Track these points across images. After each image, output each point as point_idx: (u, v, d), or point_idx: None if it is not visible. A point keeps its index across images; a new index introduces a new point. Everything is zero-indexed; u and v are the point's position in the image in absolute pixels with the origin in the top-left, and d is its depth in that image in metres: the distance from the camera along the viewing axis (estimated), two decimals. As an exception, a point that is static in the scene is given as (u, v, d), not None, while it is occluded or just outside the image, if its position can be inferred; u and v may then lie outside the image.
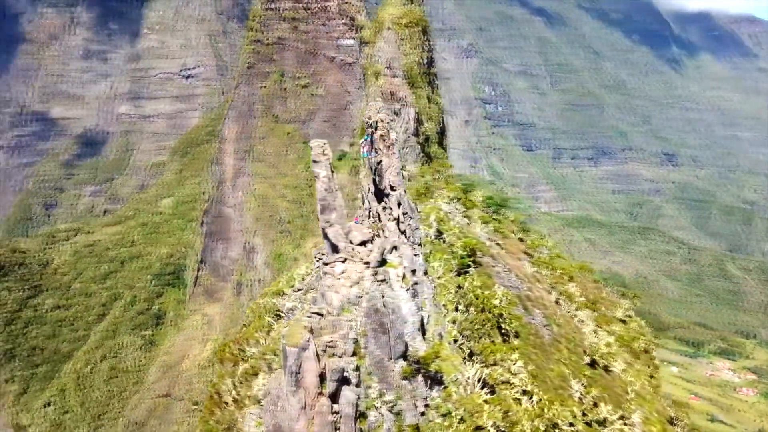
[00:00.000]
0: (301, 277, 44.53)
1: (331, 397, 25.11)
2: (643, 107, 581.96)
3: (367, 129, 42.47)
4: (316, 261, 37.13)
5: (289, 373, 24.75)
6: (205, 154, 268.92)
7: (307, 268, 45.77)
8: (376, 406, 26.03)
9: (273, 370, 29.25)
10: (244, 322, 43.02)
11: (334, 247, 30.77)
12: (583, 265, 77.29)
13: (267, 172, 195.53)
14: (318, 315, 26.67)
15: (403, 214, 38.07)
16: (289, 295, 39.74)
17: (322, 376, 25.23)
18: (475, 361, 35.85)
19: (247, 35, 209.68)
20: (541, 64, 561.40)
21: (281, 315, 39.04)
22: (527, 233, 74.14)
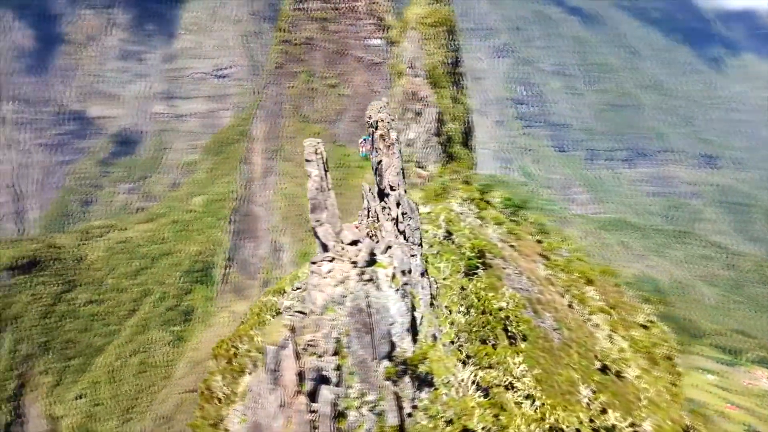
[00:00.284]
0: (304, 276, 44.62)
1: (309, 395, 24.92)
2: (682, 108, 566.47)
3: (368, 129, 42.24)
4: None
5: (268, 370, 24.66)
6: (236, 153, 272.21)
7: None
8: (356, 407, 25.74)
9: (258, 367, 29.24)
10: (242, 320, 43.29)
11: (324, 247, 30.61)
12: (605, 268, 75.61)
13: (295, 172, 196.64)
14: (301, 314, 26.50)
15: (403, 214, 37.69)
16: (289, 293, 39.82)
17: (301, 375, 25.07)
18: (470, 364, 35.30)
19: (276, 35, 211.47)
20: (577, 64, 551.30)
21: (280, 313, 39.13)
22: (546, 235, 72.81)
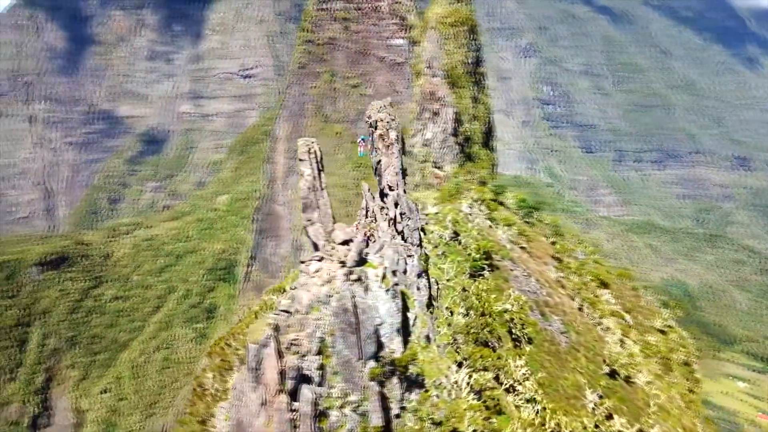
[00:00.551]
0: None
1: (291, 394, 24.84)
2: (714, 108, 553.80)
3: (368, 129, 42.04)
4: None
5: (250, 368, 24.66)
6: (260, 153, 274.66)
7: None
8: (338, 406, 25.56)
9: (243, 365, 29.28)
10: (240, 318, 43.45)
11: (315, 246, 30.54)
12: (623, 271, 74.15)
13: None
14: (286, 313, 26.44)
15: (401, 214, 37.41)
16: (287, 292, 39.81)
17: (283, 374, 24.99)
18: (465, 366, 34.86)
19: (300, 36, 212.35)
20: (605, 64, 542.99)
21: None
22: (561, 237, 71.67)
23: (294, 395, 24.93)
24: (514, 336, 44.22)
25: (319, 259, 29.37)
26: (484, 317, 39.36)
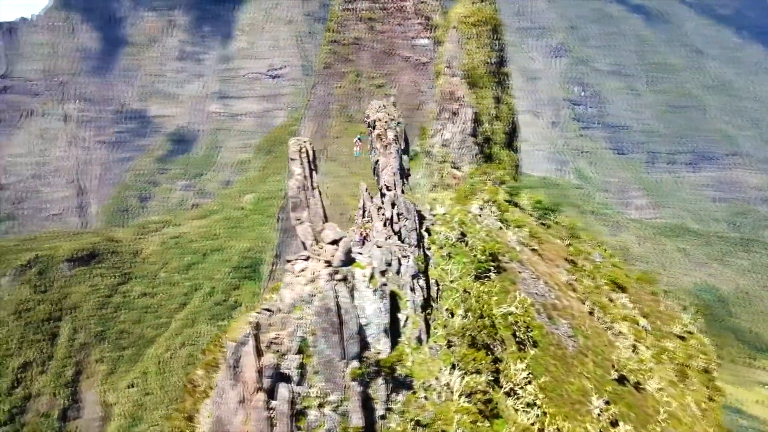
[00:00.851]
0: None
1: (268, 393, 24.77)
2: (752, 109, 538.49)
3: (367, 128, 41.86)
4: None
5: (229, 366, 24.68)
6: (286, 153, 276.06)
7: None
8: (316, 406, 25.40)
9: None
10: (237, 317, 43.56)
11: (303, 245, 30.48)
12: (642, 275, 72.53)
13: (339, 171, 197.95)
14: (268, 311, 26.42)
15: (398, 214, 37.14)
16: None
17: (261, 372, 24.94)
18: (458, 368, 34.39)
19: (325, 36, 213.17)
20: (637, 64, 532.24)
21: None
22: (578, 239, 70.41)
23: (272, 393, 24.85)
24: (518, 339, 43.54)
25: (306, 259, 29.29)
26: (482, 319, 38.76)
